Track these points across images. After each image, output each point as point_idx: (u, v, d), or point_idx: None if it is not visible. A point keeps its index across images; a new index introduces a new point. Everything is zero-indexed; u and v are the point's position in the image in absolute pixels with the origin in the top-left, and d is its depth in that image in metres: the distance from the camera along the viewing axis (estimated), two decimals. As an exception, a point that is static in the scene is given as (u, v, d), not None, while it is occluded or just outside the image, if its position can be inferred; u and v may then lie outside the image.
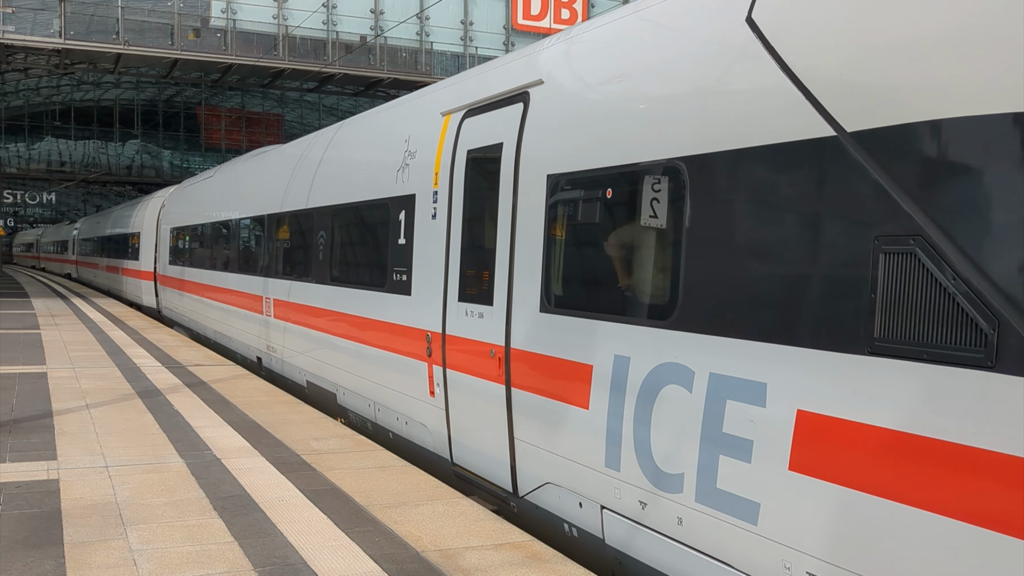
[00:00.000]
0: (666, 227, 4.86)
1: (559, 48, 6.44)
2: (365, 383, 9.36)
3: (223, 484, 6.88)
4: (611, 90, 5.57)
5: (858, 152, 3.70)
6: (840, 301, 3.79)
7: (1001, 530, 3.12)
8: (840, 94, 3.83)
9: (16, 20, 31.34)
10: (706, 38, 4.81)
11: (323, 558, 5.25)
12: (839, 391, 3.77)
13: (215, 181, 18.64)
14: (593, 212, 5.50)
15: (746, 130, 4.32)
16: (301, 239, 11.56)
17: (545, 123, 6.15)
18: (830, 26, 4.02)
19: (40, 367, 13.12)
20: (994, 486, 3.15)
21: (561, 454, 5.77)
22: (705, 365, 4.52)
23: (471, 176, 7.10)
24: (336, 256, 10.28)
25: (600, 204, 5.44)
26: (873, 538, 3.59)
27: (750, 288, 4.27)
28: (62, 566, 5.06)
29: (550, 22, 37.72)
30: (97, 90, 64.42)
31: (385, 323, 8.68)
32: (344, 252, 10.12)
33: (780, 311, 4.09)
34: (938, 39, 3.53)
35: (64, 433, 8.61)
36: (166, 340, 17.40)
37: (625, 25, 5.70)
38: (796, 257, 4.04)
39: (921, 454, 3.41)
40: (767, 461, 4.10)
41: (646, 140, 5.06)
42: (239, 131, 62.02)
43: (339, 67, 34.55)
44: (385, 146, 9.04)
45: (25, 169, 69.67)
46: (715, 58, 4.68)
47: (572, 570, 5.11)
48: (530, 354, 6.10)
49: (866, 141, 3.68)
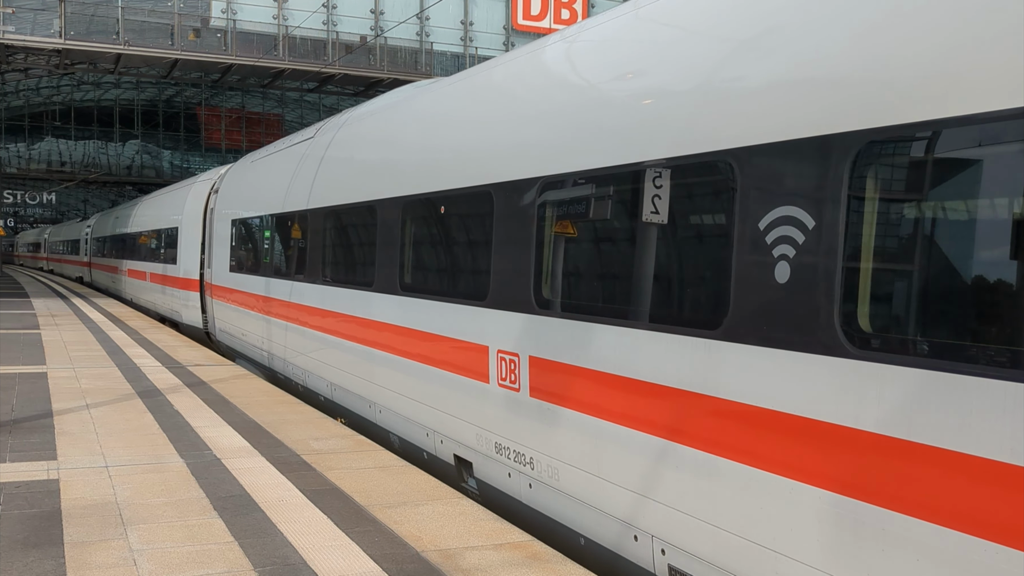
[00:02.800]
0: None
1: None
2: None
3: (223, 484, 6.88)
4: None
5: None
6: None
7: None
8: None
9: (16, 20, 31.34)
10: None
11: (323, 558, 5.25)
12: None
13: (317, 143, 11.97)
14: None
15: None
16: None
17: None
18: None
19: (40, 367, 13.12)
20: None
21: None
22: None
23: None
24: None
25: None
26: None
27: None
28: (62, 566, 5.06)
29: (550, 22, 37.73)
30: (97, 90, 64.46)
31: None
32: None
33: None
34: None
35: (64, 433, 8.61)
36: (166, 340, 17.39)
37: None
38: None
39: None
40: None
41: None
42: (239, 131, 62.07)
43: (339, 67, 34.55)
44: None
45: (25, 169, 69.72)
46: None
47: (572, 570, 5.11)
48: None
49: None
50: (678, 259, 5.03)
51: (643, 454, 5.06)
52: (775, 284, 4.17)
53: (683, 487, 4.78)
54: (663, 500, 4.95)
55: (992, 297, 3.37)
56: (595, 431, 5.50)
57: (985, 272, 3.40)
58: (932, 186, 3.61)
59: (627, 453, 5.21)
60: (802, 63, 4.20)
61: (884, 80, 3.73)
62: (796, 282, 4.07)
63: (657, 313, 5.03)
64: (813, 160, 4.00)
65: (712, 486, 4.55)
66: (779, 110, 4.24)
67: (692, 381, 4.68)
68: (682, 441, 4.77)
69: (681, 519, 4.80)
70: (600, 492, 5.50)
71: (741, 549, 4.37)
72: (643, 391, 5.07)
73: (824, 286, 3.91)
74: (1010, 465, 3.17)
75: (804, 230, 4.02)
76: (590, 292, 5.77)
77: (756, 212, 4.30)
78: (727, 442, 4.46)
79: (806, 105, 4.09)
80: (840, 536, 3.84)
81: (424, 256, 8.32)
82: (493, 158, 6.88)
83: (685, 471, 4.76)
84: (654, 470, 4.98)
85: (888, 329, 3.74)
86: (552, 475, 5.98)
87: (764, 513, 4.23)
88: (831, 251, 3.87)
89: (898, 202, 3.79)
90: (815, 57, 4.13)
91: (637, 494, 5.14)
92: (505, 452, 6.58)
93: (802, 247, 4.03)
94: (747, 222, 4.34)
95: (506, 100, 7.19)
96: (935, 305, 3.59)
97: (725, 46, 4.77)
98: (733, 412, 4.43)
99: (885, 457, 3.63)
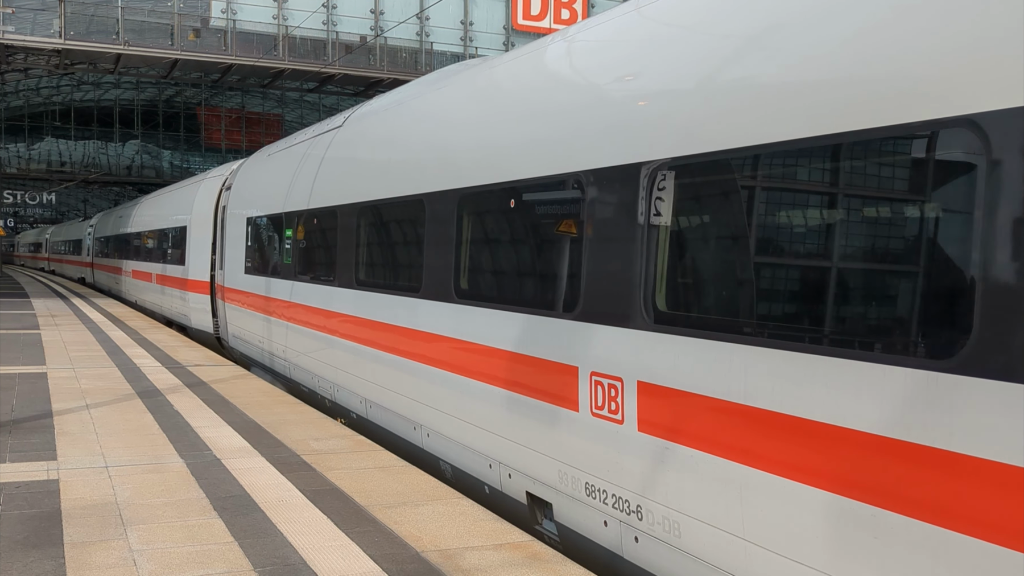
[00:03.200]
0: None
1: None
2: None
3: (223, 484, 6.88)
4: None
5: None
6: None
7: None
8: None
9: (16, 20, 31.32)
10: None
11: (323, 558, 5.25)
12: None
13: (350, 131, 10.81)
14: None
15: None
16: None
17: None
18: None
19: (40, 367, 13.11)
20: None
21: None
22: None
23: None
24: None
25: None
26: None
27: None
28: (62, 566, 5.06)
29: (550, 22, 37.72)
30: (97, 90, 64.49)
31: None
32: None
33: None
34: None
35: (64, 433, 8.61)
36: (166, 340, 17.39)
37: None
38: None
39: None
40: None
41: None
42: (239, 131, 62.09)
43: (339, 67, 34.55)
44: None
45: (25, 169, 69.73)
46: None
47: (572, 570, 5.11)
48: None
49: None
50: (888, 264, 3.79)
51: (816, 514, 3.88)
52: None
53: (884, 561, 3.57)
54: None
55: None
56: (739, 479, 4.31)
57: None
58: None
59: (792, 512, 4.02)
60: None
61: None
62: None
63: (850, 332, 3.82)
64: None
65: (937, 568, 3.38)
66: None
67: (908, 426, 3.48)
68: (887, 505, 3.56)
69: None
70: (744, 559, 4.33)
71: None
72: (813, 434, 3.91)
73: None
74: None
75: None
76: (734, 304, 4.47)
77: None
78: (964, 512, 3.26)
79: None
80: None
81: (486, 258, 7.11)
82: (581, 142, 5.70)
83: (891, 541, 3.54)
84: (840, 535, 3.79)
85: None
86: (670, 529, 4.85)
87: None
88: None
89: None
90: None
91: (808, 567, 3.94)
92: (600, 495, 5.42)
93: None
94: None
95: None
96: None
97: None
98: (973, 469, 3.24)
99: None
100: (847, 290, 3.90)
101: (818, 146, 3.93)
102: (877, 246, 3.79)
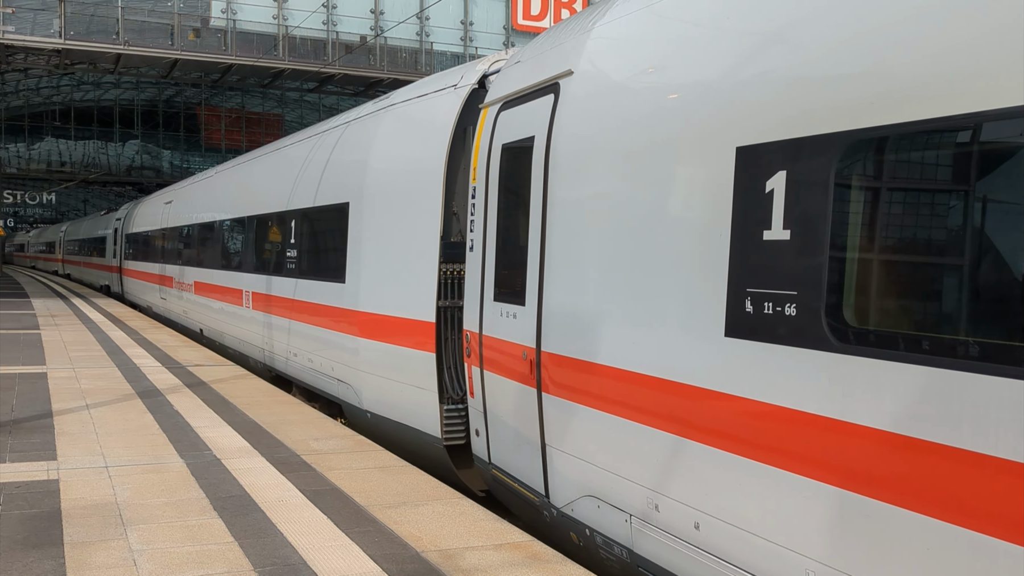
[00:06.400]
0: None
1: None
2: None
3: (223, 484, 6.88)
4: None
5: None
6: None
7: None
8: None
9: (16, 20, 31.34)
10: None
11: (323, 558, 5.25)
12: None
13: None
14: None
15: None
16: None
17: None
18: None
19: (40, 367, 13.11)
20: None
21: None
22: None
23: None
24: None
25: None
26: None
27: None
28: (62, 566, 5.06)
29: (550, 22, 37.71)
30: (97, 90, 64.48)
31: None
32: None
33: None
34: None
35: (64, 433, 8.61)
36: (166, 340, 17.39)
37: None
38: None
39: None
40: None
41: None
42: (239, 131, 62.09)
43: (339, 67, 34.57)
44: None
45: (25, 169, 69.73)
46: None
47: (572, 570, 5.11)
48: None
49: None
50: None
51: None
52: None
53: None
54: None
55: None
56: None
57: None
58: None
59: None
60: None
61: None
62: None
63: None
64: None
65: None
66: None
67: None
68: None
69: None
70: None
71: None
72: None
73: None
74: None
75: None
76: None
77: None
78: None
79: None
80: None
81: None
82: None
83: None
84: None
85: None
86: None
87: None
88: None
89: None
90: None
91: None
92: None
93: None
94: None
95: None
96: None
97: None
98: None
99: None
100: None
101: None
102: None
